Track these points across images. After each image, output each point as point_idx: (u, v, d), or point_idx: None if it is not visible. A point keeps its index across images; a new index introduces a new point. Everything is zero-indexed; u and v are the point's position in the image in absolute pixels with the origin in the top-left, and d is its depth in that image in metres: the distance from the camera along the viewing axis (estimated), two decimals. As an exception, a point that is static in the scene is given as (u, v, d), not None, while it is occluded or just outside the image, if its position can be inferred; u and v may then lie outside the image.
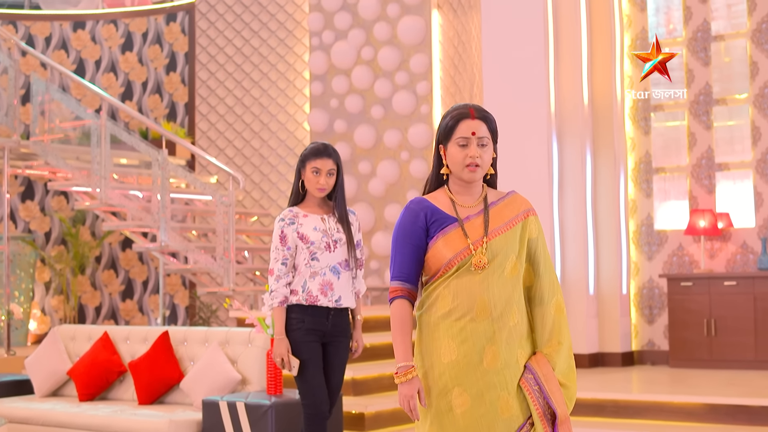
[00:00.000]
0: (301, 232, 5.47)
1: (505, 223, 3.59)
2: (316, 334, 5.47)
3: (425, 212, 3.60)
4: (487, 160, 3.58)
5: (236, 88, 12.97)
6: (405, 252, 3.61)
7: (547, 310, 3.63)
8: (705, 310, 9.98)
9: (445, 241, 3.55)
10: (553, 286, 3.66)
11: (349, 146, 12.08)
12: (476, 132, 3.56)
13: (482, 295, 3.48)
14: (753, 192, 10.25)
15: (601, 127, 10.64)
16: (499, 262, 3.52)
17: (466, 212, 3.61)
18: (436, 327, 3.52)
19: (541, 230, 3.70)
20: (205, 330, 7.47)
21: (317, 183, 5.47)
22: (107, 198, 10.52)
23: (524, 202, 3.69)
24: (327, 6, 12.31)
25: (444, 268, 3.54)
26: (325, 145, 5.54)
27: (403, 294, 3.59)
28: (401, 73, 11.88)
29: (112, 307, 13.18)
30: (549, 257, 3.71)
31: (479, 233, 3.56)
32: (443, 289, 3.54)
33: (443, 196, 3.65)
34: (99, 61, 13.62)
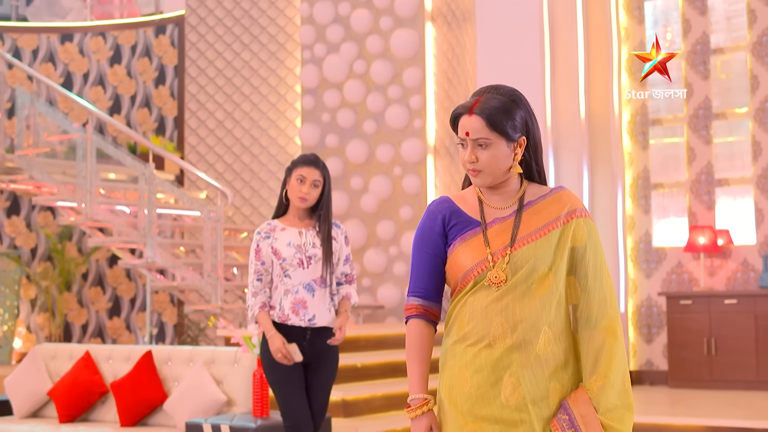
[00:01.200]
0: (275, 246, 5.29)
1: (538, 228, 3.00)
2: None
3: (444, 215, 3.08)
4: (494, 161, 2.98)
5: (226, 102, 12.76)
6: (421, 262, 3.09)
7: (595, 335, 2.98)
8: (705, 329, 9.78)
9: (463, 249, 3.02)
10: (604, 305, 3.00)
11: (341, 161, 11.87)
12: (470, 132, 2.98)
13: (499, 317, 2.92)
14: (754, 208, 10.06)
15: (599, 142, 10.45)
16: (523, 277, 2.94)
17: (494, 214, 3.05)
18: (452, 354, 3.00)
19: (593, 236, 3.05)
20: (190, 349, 7.23)
21: (300, 191, 5.27)
22: (92, 213, 10.30)
23: (570, 201, 3.06)
24: (319, 19, 12.11)
25: (461, 283, 3.01)
26: (315, 155, 5.36)
27: (419, 312, 3.07)
28: (394, 86, 11.68)
29: (99, 325, 12.92)
30: (604, 269, 3.05)
31: (503, 241, 2.99)
32: (460, 308, 3.01)
33: (472, 195, 3.11)
34: (87, 74, 13.39)
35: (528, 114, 3.06)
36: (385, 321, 11.47)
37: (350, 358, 8.52)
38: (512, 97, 3.03)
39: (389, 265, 11.53)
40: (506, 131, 2.99)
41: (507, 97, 3.02)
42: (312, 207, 5.41)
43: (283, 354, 5.18)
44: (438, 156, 11.51)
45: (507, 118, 2.99)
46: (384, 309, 11.46)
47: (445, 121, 11.52)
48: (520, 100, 3.05)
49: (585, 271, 3.01)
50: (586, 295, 3.00)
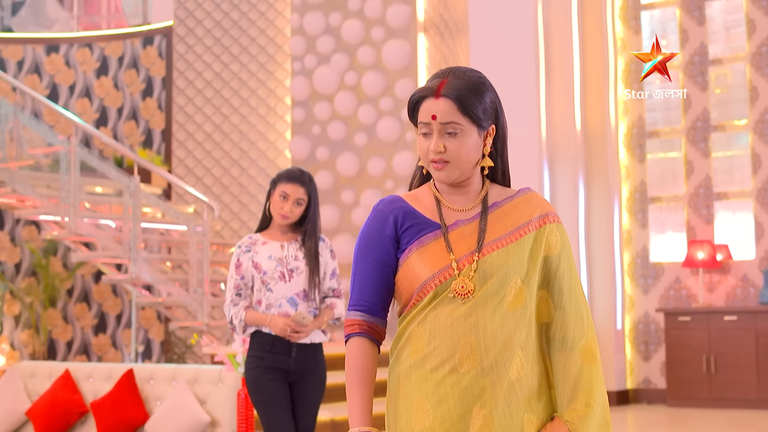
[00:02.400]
0: (255, 260, 5.05)
1: (508, 232, 2.59)
2: (278, 372, 5.02)
3: (396, 215, 2.64)
4: (463, 152, 2.58)
5: (215, 115, 12.54)
6: (366, 271, 2.64)
7: (572, 358, 2.59)
8: (704, 347, 9.57)
9: (420, 255, 2.58)
10: (581, 324, 2.62)
11: (332, 174, 11.66)
12: (438, 116, 2.56)
13: (468, 336, 2.49)
14: (753, 222, 9.87)
15: (594, 155, 10.27)
16: (494, 288, 2.52)
17: (454, 216, 2.63)
18: (407, 380, 2.54)
19: (566, 245, 2.67)
20: (173, 367, 6.99)
21: (281, 209, 5.04)
22: (76, 227, 10.08)
23: (541, 204, 2.68)
24: (309, 29, 11.91)
25: (417, 295, 2.57)
26: (302, 171, 5.10)
27: (362, 330, 2.62)
28: (386, 98, 11.48)
29: (84, 342, 12.67)
30: (578, 283, 2.67)
31: (469, 246, 2.57)
32: (417, 326, 2.56)
33: (427, 195, 2.69)
34: (73, 85, 13.17)
35: (497, 99, 2.69)
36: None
37: (340, 376, 8.24)
38: (480, 78, 2.64)
39: (381, 280, 11.28)
40: (478, 115, 2.59)
41: (475, 77, 2.63)
42: (297, 222, 5.18)
43: (293, 328, 4.92)
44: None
45: (478, 100, 2.59)
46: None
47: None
48: (489, 83, 2.66)
49: (560, 284, 2.62)
50: (561, 312, 2.61)
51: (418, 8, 11.41)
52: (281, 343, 5.02)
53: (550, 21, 10.41)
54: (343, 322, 5.24)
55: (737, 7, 10.12)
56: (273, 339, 5.01)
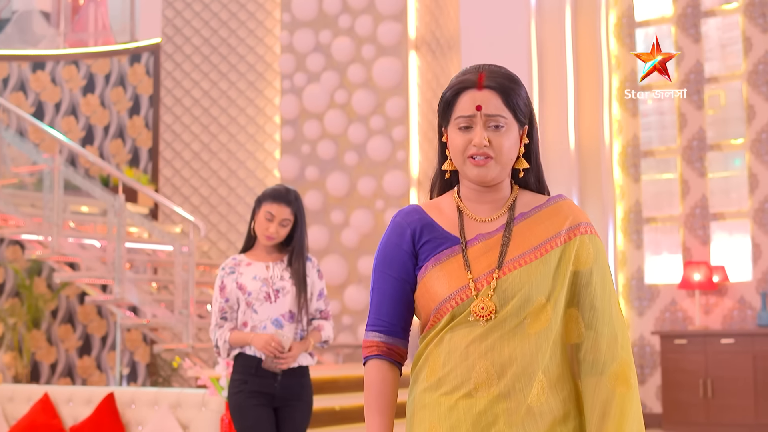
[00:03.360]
0: (240, 281, 4.85)
1: (533, 247, 2.40)
2: (263, 397, 4.80)
3: (414, 228, 2.47)
4: (507, 148, 2.40)
5: (203, 133, 12.36)
6: (384, 289, 2.48)
7: (603, 383, 2.36)
8: (701, 370, 9.38)
9: (437, 273, 2.41)
10: (614, 345, 2.39)
11: (322, 194, 11.47)
12: (483, 107, 2.38)
13: (483, 359, 2.32)
14: (750, 243, 9.69)
15: (589, 174, 10.10)
16: (514, 310, 2.34)
17: (477, 229, 2.45)
18: (421, 404, 2.40)
19: (600, 257, 2.44)
20: (155, 391, 6.79)
21: (266, 230, 4.84)
22: (60, 247, 9.88)
23: (573, 213, 2.47)
24: (299, 47, 11.74)
25: (435, 316, 2.41)
26: (287, 189, 4.89)
27: (381, 352, 2.47)
28: (376, 117, 11.30)
29: (68, 365, 12.43)
30: (613, 300, 2.43)
31: (489, 264, 2.39)
32: (434, 347, 2.41)
33: (449, 204, 2.51)
34: (59, 103, 12.98)
35: (529, 97, 2.51)
36: (366, 361, 11.01)
37: (328, 401, 8.09)
38: (515, 75, 2.48)
39: (371, 302, 11.09)
40: (521, 108, 2.43)
41: (510, 72, 2.47)
42: (283, 241, 4.98)
43: (275, 344, 4.69)
44: (422, 189, 11.12)
45: (518, 94, 2.43)
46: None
47: (430, 153, 11.16)
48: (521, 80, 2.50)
49: (591, 301, 2.40)
50: (592, 332, 2.38)
51: (410, 26, 11.25)
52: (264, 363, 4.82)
53: (544, 38, 10.27)
54: (329, 344, 5.07)
55: (733, 25, 9.97)
56: (258, 362, 4.81)
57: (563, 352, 2.40)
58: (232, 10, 12.40)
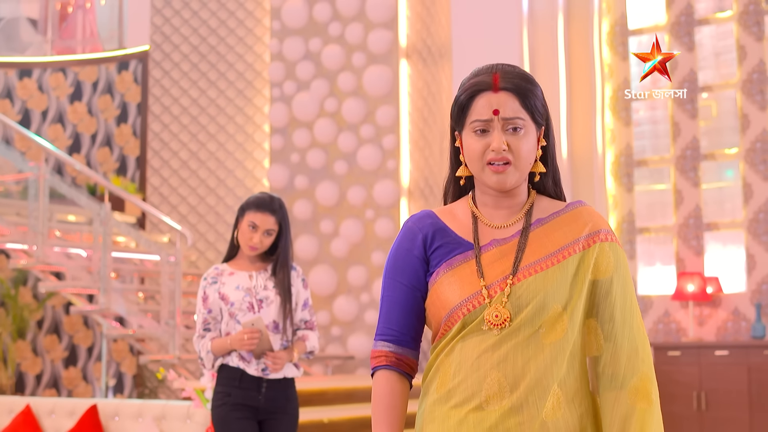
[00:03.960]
0: (222, 291, 4.71)
1: (550, 253, 2.30)
2: (247, 410, 4.67)
3: (426, 233, 2.38)
4: (526, 151, 2.30)
5: (191, 142, 12.22)
6: (394, 296, 2.38)
7: (621, 398, 2.26)
8: (694, 383, 9.26)
9: (449, 279, 2.31)
10: (635, 359, 2.28)
11: (311, 203, 11.34)
12: (501, 110, 2.29)
13: (495, 370, 2.22)
14: (745, 254, 9.58)
15: (581, 184, 10.01)
16: (528, 318, 2.24)
17: (491, 234, 2.35)
18: (431, 418, 2.29)
19: (621, 266, 2.34)
20: (139, 403, 6.65)
21: (250, 240, 4.70)
22: (44, 256, 9.73)
23: (593, 220, 2.36)
24: (289, 55, 11.62)
25: (446, 324, 2.31)
26: (271, 197, 4.75)
27: (389, 362, 2.36)
28: (367, 126, 11.18)
29: (54, 375, 12.27)
30: (635, 311, 2.33)
31: (503, 270, 2.29)
32: (444, 357, 2.31)
33: (464, 210, 2.42)
34: (46, 111, 12.84)
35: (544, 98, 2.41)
36: (356, 372, 10.89)
37: (316, 413, 7.94)
38: (530, 75, 2.38)
39: (360, 313, 10.97)
40: (539, 110, 2.33)
41: (526, 72, 2.38)
42: (267, 251, 4.85)
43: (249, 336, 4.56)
44: (412, 198, 11.00)
45: (535, 95, 2.33)
46: (354, 360, 10.88)
47: (420, 162, 11.04)
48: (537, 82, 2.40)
49: (611, 312, 2.30)
50: (612, 344, 2.29)
51: (401, 34, 11.14)
52: (250, 378, 4.68)
53: (536, 46, 10.18)
54: (315, 355, 4.93)
55: (727, 33, 9.88)
56: (242, 374, 4.67)
57: (582, 365, 2.31)
58: (222, 17, 12.28)
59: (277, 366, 4.65)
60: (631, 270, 9.99)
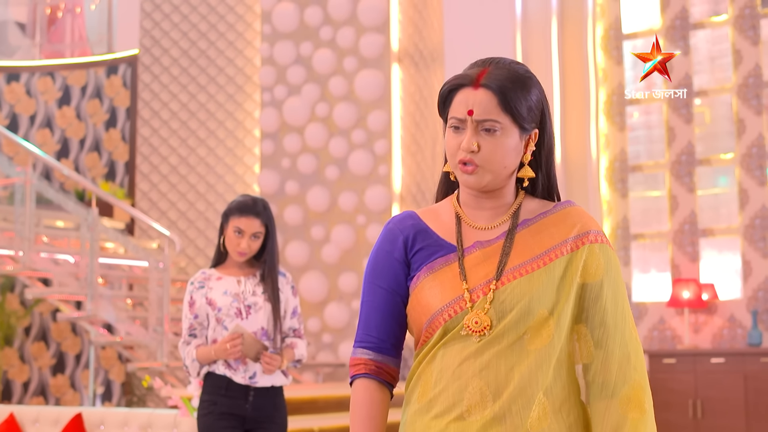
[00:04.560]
0: (209, 297, 4.58)
1: (536, 255, 2.18)
2: (233, 419, 4.54)
3: (407, 235, 2.27)
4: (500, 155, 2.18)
5: (181, 147, 12.09)
6: (373, 301, 2.27)
7: (613, 407, 2.14)
8: (690, 390, 9.14)
9: (431, 282, 2.20)
10: (626, 366, 2.16)
11: (302, 209, 11.21)
12: (475, 110, 2.17)
13: (477, 378, 2.12)
14: (741, 260, 9.47)
15: (575, 189, 9.90)
16: (512, 324, 2.13)
17: (475, 236, 2.23)
18: (411, 428, 2.20)
19: (612, 269, 2.22)
20: (125, 412, 6.51)
21: (237, 246, 4.57)
22: (31, 262, 9.59)
23: (581, 221, 2.24)
24: (280, 59, 11.50)
25: (427, 330, 2.20)
26: (254, 200, 4.61)
27: (369, 371, 2.25)
28: (358, 130, 11.06)
29: (42, 383, 12.12)
30: (626, 316, 2.20)
31: (487, 273, 2.17)
32: (426, 365, 2.20)
33: (447, 211, 2.31)
34: (34, 115, 12.70)
35: (545, 99, 2.27)
36: (347, 380, 10.76)
37: (307, 421, 7.82)
38: (528, 73, 2.24)
39: (352, 320, 10.85)
40: (521, 113, 2.18)
41: (522, 70, 2.23)
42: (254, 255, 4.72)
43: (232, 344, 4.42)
44: (404, 204, 10.88)
45: (523, 96, 2.19)
46: (346, 367, 10.76)
47: (413, 167, 10.93)
48: (537, 80, 2.26)
49: (601, 317, 2.17)
50: (602, 351, 2.17)
51: (392, 38, 11.03)
52: (237, 386, 4.55)
53: (529, 51, 10.08)
54: (303, 363, 4.80)
55: (723, 37, 9.78)
56: (228, 382, 4.54)
57: (570, 373, 2.19)
58: (212, 21, 12.16)
59: (272, 367, 4.51)
60: (626, 277, 9.88)
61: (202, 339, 4.63)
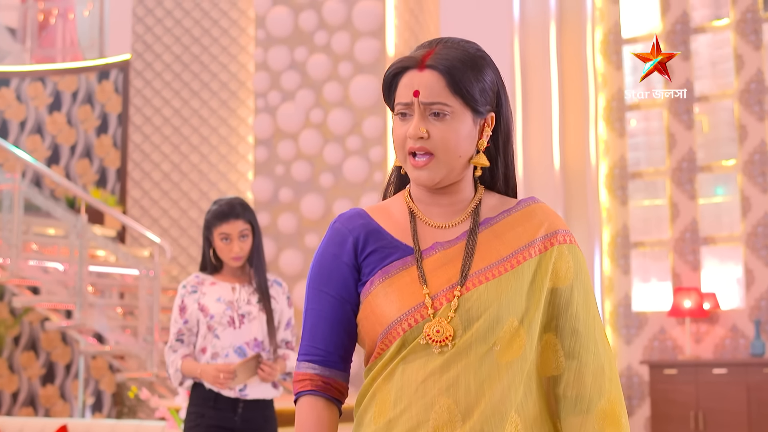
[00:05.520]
0: (202, 302, 4.39)
1: (502, 258, 1.97)
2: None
3: (356, 236, 2.03)
4: (453, 141, 1.96)
5: (173, 153, 11.92)
6: (320, 310, 2.04)
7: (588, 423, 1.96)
8: (692, 402, 8.97)
9: (386, 289, 1.96)
10: (600, 378, 1.98)
11: (296, 217, 11.04)
12: (421, 92, 1.95)
13: (444, 396, 1.90)
14: (743, 269, 9.30)
15: (574, 196, 9.74)
16: (480, 334, 1.92)
17: (434, 236, 2.02)
18: None
19: (582, 272, 2.03)
20: (112, 423, 6.31)
21: (230, 252, 4.38)
22: (19, 270, 9.41)
23: (548, 219, 2.05)
24: (273, 65, 11.34)
25: (382, 342, 1.96)
26: (230, 204, 4.42)
27: (315, 387, 2.03)
28: (353, 137, 10.91)
29: (31, 394, 11.92)
30: (597, 323, 2.02)
31: (449, 277, 1.96)
32: (382, 381, 1.97)
33: (400, 207, 2.09)
34: (24, 121, 12.52)
35: (500, 80, 2.06)
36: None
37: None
38: (480, 52, 2.03)
39: (346, 329, 10.67)
40: (473, 95, 1.97)
41: (473, 49, 2.02)
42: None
43: (225, 376, 4.23)
44: (400, 211, 10.71)
45: (474, 76, 1.98)
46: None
47: (408, 174, 10.76)
48: (490, 59, 2.04)
49: (572, 325, 1.99)
50: (575, 362, 1.98)
51: (388, 43, 10.87)
52: (225, 398, 4.36)
53: (527, 56, 9.93)
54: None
55: (724, 42, 9.62)
56: (216, 395, 4.35)
57: (539, 386, 2.00)
58: (205, 26, 12.00)
59: (270, 376, 4.32)
60: (626, 286, 9.72)
61: (189, 348, 4.44)
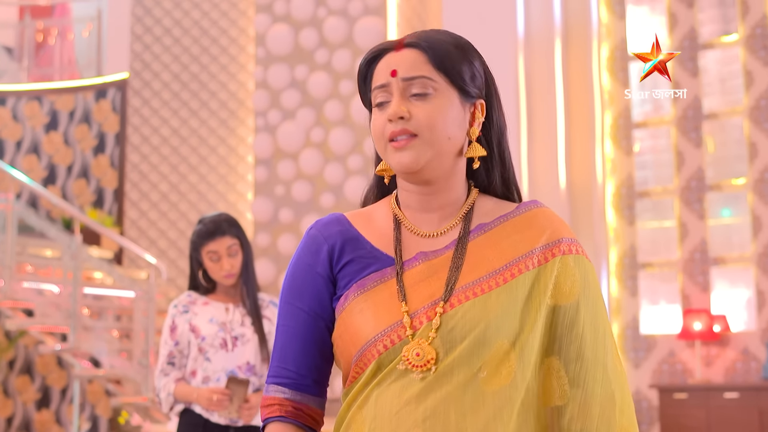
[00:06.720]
0: (193, 323, 4.19)
1: (494, 270, 1.74)
2: None
3: (332, 245, 1.81)
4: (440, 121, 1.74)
5: (171, 174, 11.79)
6: (292, 326, 1.81)
7: None
8: (702, 427, 8.81)
9: (362, 304, 1.75)
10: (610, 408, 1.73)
11: (296, 238, 10.88)
12: (399, 69, 1.75)
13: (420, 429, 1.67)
14: (754, 290, 9.14)
15: (580, 216, 9.61)
16: (464, 357, 1.69)
17: (417, 245, 1.79)
18: None
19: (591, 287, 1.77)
20: (103, 451, 6.10)
21: (221, 270, 4.19)
22: (12, 292, 9.25)
23: (551, 226, 1.80)
24: (273, 83, 11.21)
25: (356, 365, 1.76)
26: (215, 221, 4.22)
27: (284, 413, 1.81)
28: (354, 156, 10.79)
29: (26, 419, 11.72)
30: (609, 347, 1.77)
31: (432, 293, 1.73)
32: (357, 409, 1.75)
33: (384, 214, 1.86)
34: (20, 141, 12.38)
35: (489, 72, 1.85)
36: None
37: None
38: (467, 41, 1.82)
39: (347, 352, 10.49)
40: (459, 74, 1.76)
41: (460, 37, 1.81)
42: (241, 276, 4.34)
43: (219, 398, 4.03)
44: (402, 232, 10.54)
45: (461, 56, 1.78)
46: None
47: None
48: (479, 52, 1.83)
49: (578, 349, 1.73)
50: (580, 391, 1.72)
51: (390, 60, 10.73)
52: (214, 425, 4.15)
53: (532, 73, 9.81)
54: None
55: (733, 58, 9.47)
56: (205, 421, 4.14)
57: (538, 419, 1.74)
58: (204, 44, 11.88)
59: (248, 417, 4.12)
60: (634, 308, 9.53)
61: (181, 372, 4.23)
